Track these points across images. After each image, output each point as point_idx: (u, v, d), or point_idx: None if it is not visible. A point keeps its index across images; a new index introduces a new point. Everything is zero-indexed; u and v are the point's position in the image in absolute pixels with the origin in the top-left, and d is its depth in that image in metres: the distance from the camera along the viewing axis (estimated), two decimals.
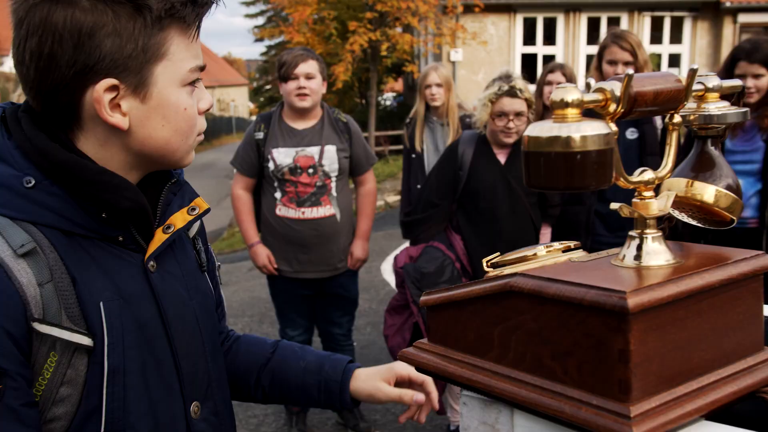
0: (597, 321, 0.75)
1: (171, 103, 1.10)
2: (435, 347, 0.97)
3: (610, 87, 0.79)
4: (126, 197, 1.09)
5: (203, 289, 1.29)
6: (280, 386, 1.44)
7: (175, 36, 1.08)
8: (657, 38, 18.78)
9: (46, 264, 1.03)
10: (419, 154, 4.75)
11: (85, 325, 1.05)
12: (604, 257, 0.91)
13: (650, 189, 0.86)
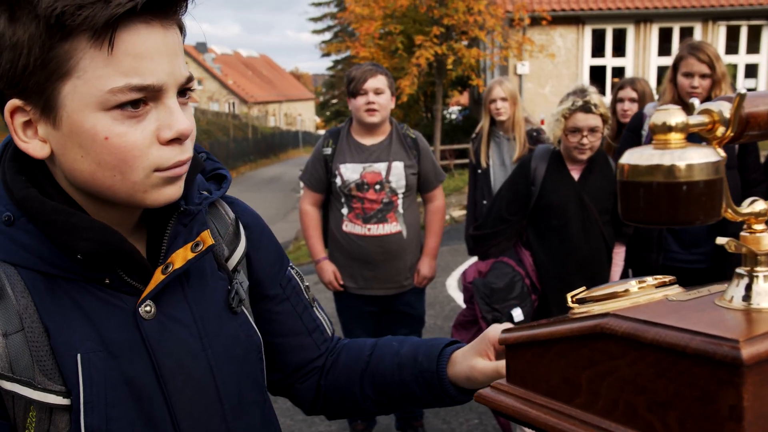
0: (704, 372, 0.67)
1: (85, 131, 0.90)
2: (515, 389, 0.90)
3: (718, 108, 0.70)
4: (84, 238, 0.93)
5: (231, 333, 1.10)
6: (383, 391, 1.23)
7: (87, 48, 0.87)
8: (733, 48, 18.24)
9: (15, 311, 0.93)
10: (485, 170, 4.68)
11: (61, 379, 0.94)
12: (705, 296, 0.82)
13: (761, 221, 0.77)
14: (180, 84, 0.94)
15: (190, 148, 0.98)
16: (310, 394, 1.30)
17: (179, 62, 0.93)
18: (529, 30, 16.83)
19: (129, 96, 0.89)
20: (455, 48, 15.83)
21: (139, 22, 0.88)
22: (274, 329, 1.23)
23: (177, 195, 0.98)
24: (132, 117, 0.90)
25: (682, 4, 17.41)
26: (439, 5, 15.77)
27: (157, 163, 0.93)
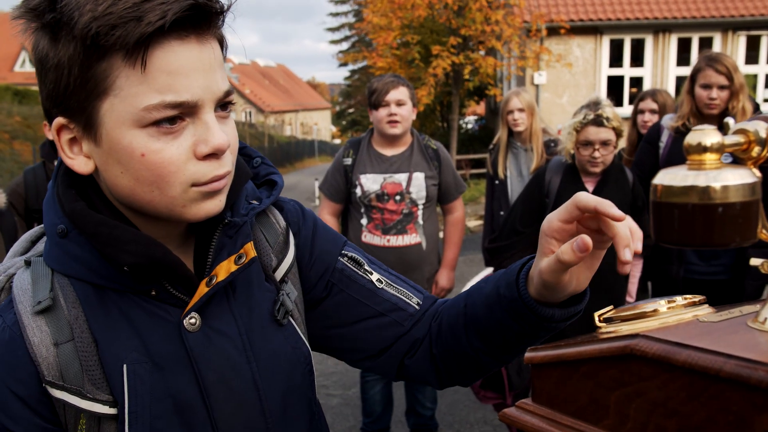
0: (737, 396, 0.66)
1: (123, 147, 0.92)
2: (540, 409, 0.89)
3: (754, 128, 0.69)
4: (128, 251, 0.95)
5: (277, 346, 1.10)
6: (487, 338, 1.10)
7: (122, 66, 0.88)
8: (753, 58, 18.11)
9: (67, 322, 0.96)
10: (503, 181, 4.68)
11: (108, 389, 0.96)
12: (737, 317, 0.80)
13: None
14: (218, 98, 0.94)
15: (230, 161, 0.98)
16: (427, 365, 1.21)
17: (216, 77, 0.94)
18: (547, 40, 16.80)
19: (164, 113, 0.90)
20: (472, 58, 15.82)
21: (173, 38, 0.89)
22: (342, 319, 1.20)
23: (217, 209, 0.98)
24: (168, 133, 0.91)
25: (701, 14, 17.33)
26: (457, 16, 15.78)
27: (195, 178, 0.94)
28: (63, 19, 0.87)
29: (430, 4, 15.60)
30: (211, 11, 0.91)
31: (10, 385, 0.94)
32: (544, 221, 0.97)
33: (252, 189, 1.13)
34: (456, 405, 5.03)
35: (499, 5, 15.54)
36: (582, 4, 17.68)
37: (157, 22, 0.86)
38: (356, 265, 1.22)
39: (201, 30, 0.91)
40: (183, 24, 0.88)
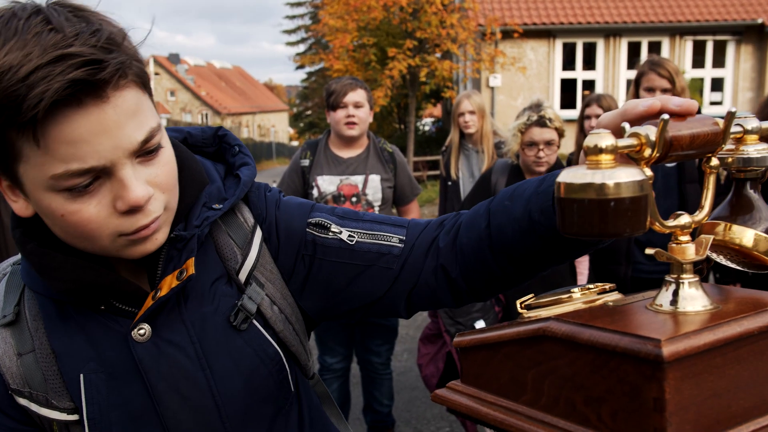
0: (631, 368, 0.74)
1: (44, 207, 0.94)
2: (468, 389, 0.97)
3: (645, 132, 0.78)
4: (57, 278, 0.98)
5: (236, 350, 1.09)
6: (520, 262, 1.06)
7: (21, 138, 0.87)
8: (699, 62, 18.60)
9: (29, 334, 1.01)
10: (455, 182, 4.79)
11: (69, 397, 1.01)
12: (639, 301, 0.89)
13: (686, 233, 0.84)
14: (132, 151, 0.92)
15: (159, 205, 0.98)
16: (437, 292, 1.15)
17: (126, 131, 0.91)
18: (501, 43, 17.04)
19: (74, 181, 0.89)
20: (428, 60, 15.96)
21: (67, 107, 0.85)
22: (336, 286, 1.16)
23: (154, 248, 0.99)
24: (82, 194, 0.91)
25: (650, 19, 17.74)
26: (413, 18, 15.91)
27: (120, 230, 0.95)
28: None
29: (385, 7, 15.68)
30: (102, 79, 0.86)
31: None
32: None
33: (218, 190, 1.12)
34: (413, 402, 5.11)
35: (454, 9, 15.70)
36: (535, 9, 17.96)
37: (35, 107, 0.83)
38: (322, 230, 1.16)
39: (98, 92, 0.87)
40: (75, 92, 0.85)
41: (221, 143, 1.19)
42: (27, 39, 0.84)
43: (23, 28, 0.85)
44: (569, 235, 0.77)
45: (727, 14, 17.94)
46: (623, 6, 18.15)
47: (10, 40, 0.84)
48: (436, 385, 3.81)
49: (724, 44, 18.51)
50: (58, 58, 0.83)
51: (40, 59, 0.83)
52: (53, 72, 0.82)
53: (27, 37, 0.84)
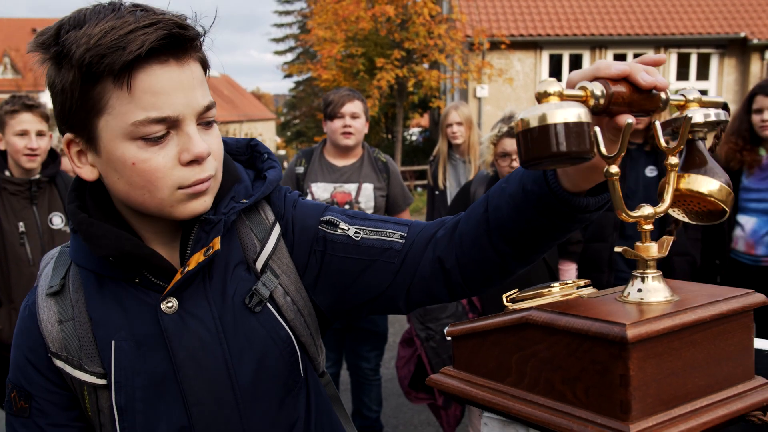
0: (601, 350, 0.86)
1: (117, 157, 1.07)
2: (459, 373, 1.08)
3: (591, 87, 0.91)
4: (99, 245, 1.10)
5: (250, 330, 1.19)
6: (517, 240, 1.09)
7: (112, 89, 1.04)
8: (683, 74, 18.84)
9: (70, 303, 1.14)
10: (442, 191, 4.89)
11: (100, 363, 1.13)
12: (610, 294, 1.02)
13: (650, 222, 0.97)
14: (198, 112, 1.09)
15: (212, 166, 1.12)
16: (433, 286, 1.21)
17: (196, 94, 1.08)
18: (489, 54, 17.22)
19: (150, 127, 1.05)
20: (416, 71, 16.12)
21: (154, 63, 1.04)
22: (345, 280, 1.25)
23: (203, 208, 1.13)
24: (155, 144, 1.06)
25: (635, 32, 17.99)
26: (401, 29, 16.06)
27: (179, 182, 1.08)
28: (63, 51, 1.04)
29: (374, 18, 15.83)
30: (186, 38, 1.06)
31: (26, 353, 1.14)
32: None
33: (245, 188, 1.24)
34: (401, 408, 5.20)
35: (442, 20, 15.87)
36: (522, 20, 18.16)
37: (137, 50, 1.00)
38: (331, 226, 1.26)
39: (179, 54, 1.06)
40: (162, 50, 1.04)
41: (253, 152, 1.35)
42: (122, 13, 1.04)
43: (117, 9, 1.05)
44: (529, 164, 0.88)
45: (711, 28, 18.23)
46: (609, 19, 18.40)
47: (108, 15, 1.03)
48: (408, 386, 3.92)
49: (708, 57, 18.79)
50: (151, 23, 1.02)
51: (137, 24, 1.02)
52: (148, 31, 1.01)
53: (122, 13, 1.04)
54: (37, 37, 1.08)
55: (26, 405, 1.15)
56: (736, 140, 3.75)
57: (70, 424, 1.16)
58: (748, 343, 0.97)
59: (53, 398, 1.15)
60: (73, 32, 1.03)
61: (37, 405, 1.15)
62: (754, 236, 3.75)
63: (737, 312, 0.94)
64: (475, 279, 1.17)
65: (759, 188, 3.74)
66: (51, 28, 1.07)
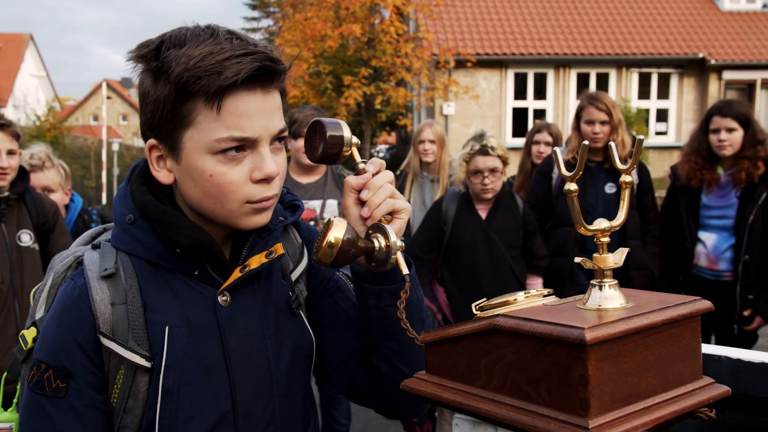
0: (562, 352, 0.94)
1: (197, 168, 1.18)
2: (431, 377, 1.15)
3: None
4: (183, 235, 1.21)
5: (288, 329, 1.34)
6: (364, 332, 1.36)
7: (202, 107, 1.15)
8: (645, 93, 19.25)
9: (123, 288, 1.21)
10: None
11: (148, 346, 1.20)
12: (570, 302, 1.10)
13: (606, 235, 1.05)
14: (273, 135, 1.21)
15: (278, 186, 1.24)
16: (365, 384, 1.41)
17: (274, 119, 1.20)
18: (455, 72, 17.43)
19: (230, 144, 1.16)
20: (383, 88, 16.25)
21: (243, 89, 1.15)
22: (322, 321, 1.42)
23: (264, 222, 1.25)
24: (232, 160, 1.17)
25: (598, 51, 18.36)
26: (368, 47, 16.20)
27: (248, 197, 1.20)
28: (163, 67, 1.14)
29: (341, 36, 15.95)
30: (275, 71, 1.18)
31: (75, 333, 1.19)
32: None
33: (279, 209, 1.39)
34: (370, 422, 5.25)
35: (409, 38, 16.04)
36: (488, 39, 18.43)
37: (232, 77, 1.12)
38: (348, 280, 1.45)
39: (266, 84, 1.18)
40: (252, 79, 1.15)
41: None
42: (220, 40, 1.15)
43: (215, 34, 1.16)
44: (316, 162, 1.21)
45: (671, 48, 18.68)
46: (572, 38, 18.76)
47: (207, 40, 1.15)
48: None
49: (668, 77, 19.22)
50: (247, 53, 1.14)
51: (233, 52, 1.13)
52: (244, 60, 1.13)
53: (219, 39, 1.15)
54: (139, 48, 1.19)
55: (63, 384, 1.18)
56: (695, 159, 3.89)
57: (100, 407, 1.21)
58: (696, 346, 1.06)
59: (92, 379, 1.19)
60: (174, 50, 1.14)
61: (75, 385, 1.18)
62: (715, 252, 3.89)
63: (686, 317, 1.02)
64: (374, 389, 1.40)
65: (718, 205, 3.88)
66: (153, 42, 1.18)
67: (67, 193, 3.77)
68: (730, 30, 19.40)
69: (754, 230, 3.73)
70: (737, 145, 3.77)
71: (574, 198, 1.00)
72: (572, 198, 1.00)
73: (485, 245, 3.75)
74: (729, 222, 3.83)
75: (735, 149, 3.77)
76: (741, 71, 18.88)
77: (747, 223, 3.73)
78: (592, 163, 4.05)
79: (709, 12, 20.00)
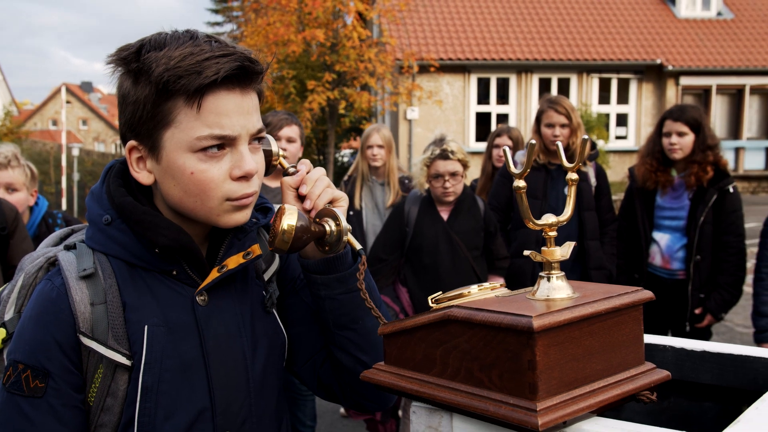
0: (512, 339, 0.99)
1: (177, 167, 1.21)
2: (390, 368, 1.20)
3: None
4: (164, 235, 1.23)
5: (262, 327, 1.38)
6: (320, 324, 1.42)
7: (183, 106, 1.18)
8: (605, 98, 19.58)
9: (102, 288, 1.23)
10: (357, 212, 4.86)
11: (127, 345, 1.23)
12: (521, 293, 1.15)
13: (553, 229, 1.11)
14: (252, 134, 1.25)
15: (257, 184, 1.28)
16: (332, 379, 1.47)
17: (252, 118, 1.24)
18: (418, 77, 17.55)
19: (211, 142, 1.20)
20: (347, 93, 16.27)
21: (222, 88, 1.19)
22: (289, 319, 1.46)
23: (244, 219, 1.28)
24: (212, 158, 1.21)
25: (558, 57, 18.64)
26: (331, 52, 16.21)
27: (228, 194, 1.24)
28: (144, 68, 1.17)
29: (304, 41, 15.94)
30: (253, 72, 1.22)
31: (54, 333, 1.20)
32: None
33: (253, 212, 1.40)
34: (335, 424, 5.28)
35: (372, 43, 16.10)
36: (451, 44, 18.59)
37: (212, 76, 1.16)
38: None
39: (244, 84, 1.22)
40: (231, 79, 1.19)
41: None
42: (199, 42, 1.19)
43: (194, 37, 1.20)
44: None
45: (629, 54, 19.04)
46: (534, 44, 19.01)
47: (186, 42, 1.19)
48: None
49: (628, 82, 19.59)
50: (225, 54, 1.18)
51: (212, 53, 1.17)
52: (222, 60, 1.17)
53: (199, 41, 1.19)
54: (119, 51, 1.22)
55: (42, 384, 1.19)
56: (650, 161, 4.00)
57: (79, 406, 1.23)
58: (638, 333, 1.12)
59: (71, 378, 1.21)
60: (154, 52, 1.18)
61: (54, 384, 1.20)
62: (669, 251, 4.00)
63: (628, 306, 1.08)
64: (339, 381, 1.45)
65: (672, 206, 3.99)
66: (133, 46, 1.21)
67: (33, 195, 3.74)
68: (687, 37, 19.84)
69: (705, 231, 3.85)
70: (688, 149, 3.88)
71: (522, 194, 1.06)
72: (521, 194, 1.06)
73: (447, 246, 3.81)
74: (681, 223, 3.94)
75: (685, 153, 3.88)
76: (697, 77, 19.33)
77: (698, 224, 3.84)
78: (552, 165, 4.15)
79: (666, 19, 20.44)
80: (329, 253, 1.30)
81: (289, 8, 15.62)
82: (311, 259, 1.35)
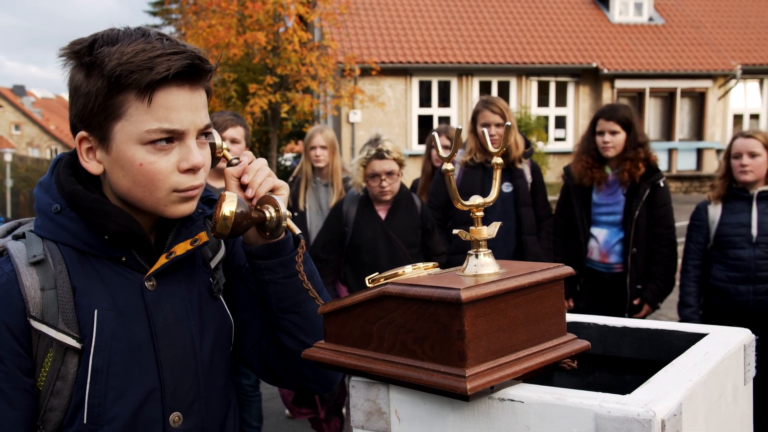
0: (442, 311, 1.06)
1: (127, 158, 1.25)
2: (330, 345, 1.25)
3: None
4: (114, 221, 1.28)
5: (209, 313, 1.43)
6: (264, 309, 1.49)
7: (133, 100, 1.22)
8: (544, 101, 19.96)
9: (52, 274, 1.26)
10: (302, 213, 4.87)
11: (77, 328, 1.26)
12: (451, 271, 1.23)
13: (480, 210, 1.19)
14: (199, 129, 1.30)
15: (203, 177, 1.33)
16: (278, 362, 1.52)
17: (201, 114, 1.29)
18: (360, 80, 17.62)
19: (160, 135, 1.24)
20: (289, 96, 16.25)
21: (173, 84, 1.24)
22: (236, 305, 1.51)
23: (190, 211, 1.34)
24: (161, 150, 1.25)
25: (498, 60, 18.95)
26: (273, 55, 16.17)
27: (175, 186, 1.28)
28: (96, 61, 1.21)
29: (245, 44, 15.87)
30: (203, 69, 1.27)
31: (4, 317, 1.22)
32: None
33: (198, 204, 1.44)
34: (281, 426, 5.30)
35: (313, 47, 16.12)
36: (392, 48, 18.72)
37: (164, 72, 1.20)
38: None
39: (194, 81, 1.27)
40: (181, 76, 1.24)
41: None
42: (151, 39, 1.23)
43: (146, 34, 1.25)
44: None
45: (566, 58, 19.48)
46: (474, 48, 19.30)
47: (138, 38, 1.23)
48: (295, 403, 4.06)
49: (565, 85, 20.03)
50: (177, 51, 1.22)
51: (164, 50, 1.21)
52: (174, 57, 1.22)
53: (151, 39, 1.24)
54: (72, 44, 1.26)
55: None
56: (586, 159, 4.15)
57: (29, 390, 1.25)
58: (560, 306, 1.20)
59: (20, 362, 1.23)
60: (107, 47, 1.22)
61: (3, 368, 1.22)
62: (606, 246, 4.15)
63: (550, 281, 1.17)
64: (285, 363, 1.51)
65: (607, 203, 4.14)
66: (86, 40, 1.25)
67: None
68: (621, 41, 20.40)
69: (640, 224, 4.00)
70: (620, 147, 4.03)
71: (450, 177, 1.13)
72: (449, 177, 1.13)
73: (385, 244, 3.88)
74: (617, 218, 4.09)
75: (618, 150, 4.03)
76: (631, 80, 19.90)
77: (633, 218, 3.99)
78: (489, 164, 4.25)
79: (601, 24, 20.98)
80: (270, 239, 1.35)
81: (230, 11, 15.53)
82: (254, 245, 1.40)
